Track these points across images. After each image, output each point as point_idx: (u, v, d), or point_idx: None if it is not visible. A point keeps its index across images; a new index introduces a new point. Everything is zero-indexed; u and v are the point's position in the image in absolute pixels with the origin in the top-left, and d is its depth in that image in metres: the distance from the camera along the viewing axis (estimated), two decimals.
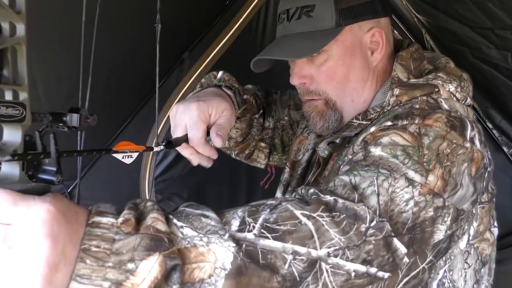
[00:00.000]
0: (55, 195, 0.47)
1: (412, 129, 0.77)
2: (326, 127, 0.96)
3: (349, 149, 0.89)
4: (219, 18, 1.98)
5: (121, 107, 1.99)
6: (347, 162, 0.81)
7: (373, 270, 0.60)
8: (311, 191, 0.66)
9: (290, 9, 0.92)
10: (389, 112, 0.89)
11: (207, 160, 0.87)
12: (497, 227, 0.95)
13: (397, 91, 0.89)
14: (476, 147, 0.79)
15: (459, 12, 1.28)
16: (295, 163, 1.14)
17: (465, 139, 0.78)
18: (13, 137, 0.47)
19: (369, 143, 0.79)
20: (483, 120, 1.69)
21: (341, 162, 0.89)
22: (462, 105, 0.89)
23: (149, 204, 0.54)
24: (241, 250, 0.54)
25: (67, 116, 0.53)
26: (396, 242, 0.63)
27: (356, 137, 0.90)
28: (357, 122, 0.93)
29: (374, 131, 0.83)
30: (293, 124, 1.22)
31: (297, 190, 0.71)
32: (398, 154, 0.72)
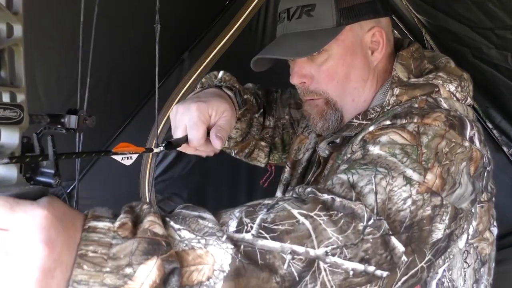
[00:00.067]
0: (52, 199, 0.47)
1: (411, 128, 0.76)
2: (326, 127, 0.96)
3: (348, 148, 0.89)
4: (219, 18, 1.98)
5: (121, 107, 1.99)
6: (346, 160, 0.80)
7: (371, 268, 0.60)
8: (308, 189, 0.66)
9: (290, 8, 0.92)
10: (389, 111, 0.88)
11: (209, 153, 0.88)
12: (496, 227, 0.95)
13: (397, 91, 0.89)
14: (475, 146, 0.79)
15: (459, 12, 1.27)
16: (295, 163, 1.13)
17: (464, 138, 0.78)
18: (11, 139, 0.46)
19: (368, 141, 0.79)
20: (483, 120, 1.68)
21: (340, 161, 0.89)
22: (461, 104, 0.89)
23: (145, 207, 0.54)
24: (239, 251, 0.54)
25: (65, 117, 0.53)
26: (394, 240, 0.63)
27: (355, 136, 0.90)
28: (357, 122, 0.93)
29: (373, 130, 0.82)
30: (294, 123, 1.22)
31: (294, 189, 0.70)
32: (396, 152, 0.72)
